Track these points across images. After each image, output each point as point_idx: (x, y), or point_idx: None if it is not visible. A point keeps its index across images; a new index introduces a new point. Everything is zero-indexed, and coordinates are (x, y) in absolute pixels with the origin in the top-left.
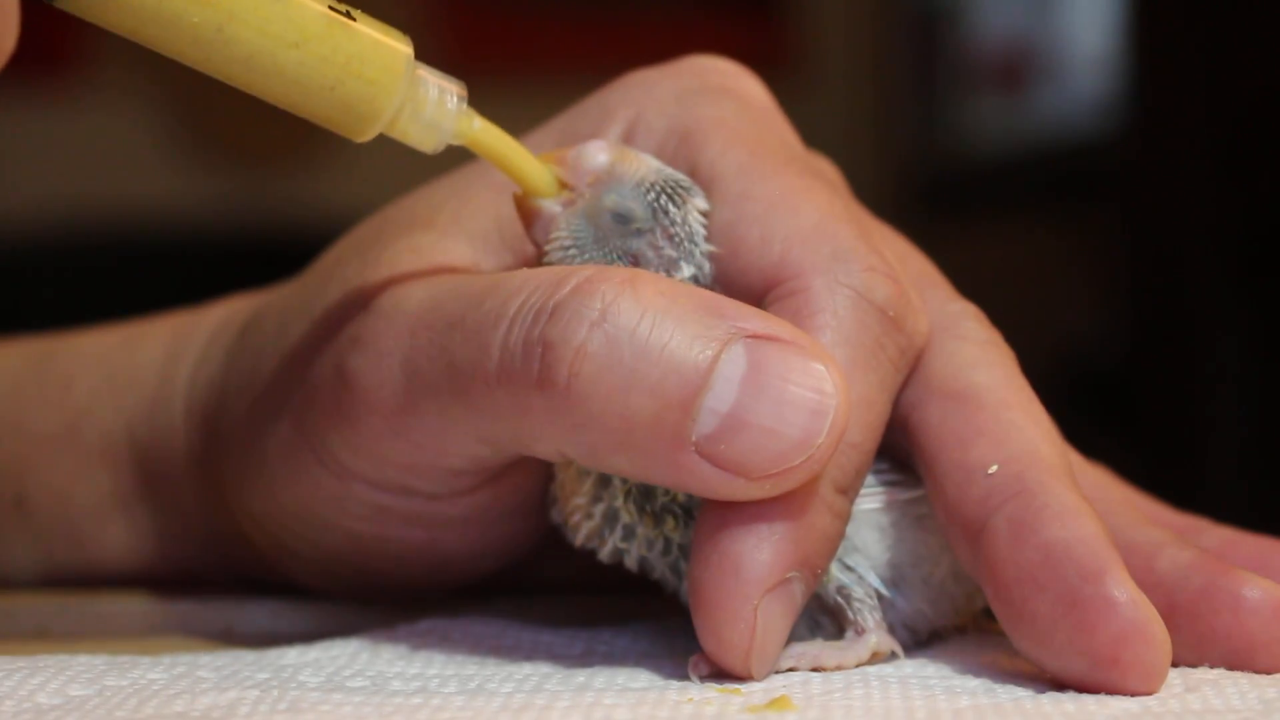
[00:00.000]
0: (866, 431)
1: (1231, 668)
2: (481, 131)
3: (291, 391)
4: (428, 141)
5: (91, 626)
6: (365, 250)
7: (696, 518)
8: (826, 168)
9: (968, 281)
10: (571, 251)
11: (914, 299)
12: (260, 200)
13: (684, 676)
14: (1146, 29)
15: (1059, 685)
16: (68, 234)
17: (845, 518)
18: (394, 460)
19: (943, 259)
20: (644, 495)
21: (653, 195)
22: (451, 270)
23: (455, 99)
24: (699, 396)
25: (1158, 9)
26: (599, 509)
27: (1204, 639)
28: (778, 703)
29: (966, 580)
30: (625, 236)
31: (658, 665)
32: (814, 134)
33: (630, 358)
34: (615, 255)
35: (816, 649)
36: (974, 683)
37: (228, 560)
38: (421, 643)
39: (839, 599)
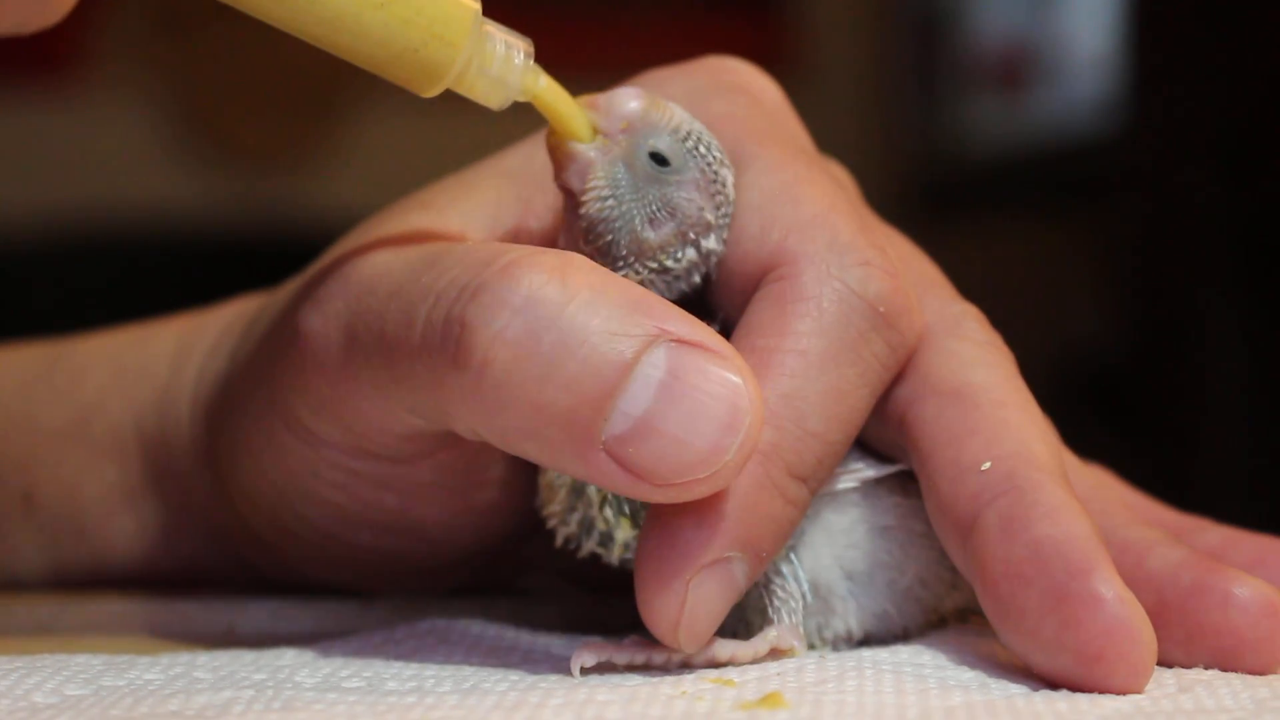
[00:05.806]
0: (833, 424)
1: (1221, 666)
2: (546, 90)
3: (265, 359)
4: (494, 98)
5: (92, 626)
6: (361, 233)
7: None
8: (838, 170)
9: (968, 281)
10: (610, 201)
11: (910, 297)
12: (260, 200)
13: (677, 673)
14: (1146, 29)
15: (1052, 682)
16: (67, 234)
17: (802, 506)
18: (344, 422)
19: (943, 259)
20: (620, 497)
21: (691, 142)
22: (435, 238)
23: (522, 55)
24: (614, 396)
25: (1158, 9)
26: (574, 518)
27: (1194, 636)
28: (769, 699)
29: (935, 585)
30: (663, 185)
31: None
32: (814, 134)
33: (549, 348)
34: (654, 206)
35: (715, 643)
36: (968, 675)
37: (232, 554)
38: (420, 644)
39: (764, 592)
